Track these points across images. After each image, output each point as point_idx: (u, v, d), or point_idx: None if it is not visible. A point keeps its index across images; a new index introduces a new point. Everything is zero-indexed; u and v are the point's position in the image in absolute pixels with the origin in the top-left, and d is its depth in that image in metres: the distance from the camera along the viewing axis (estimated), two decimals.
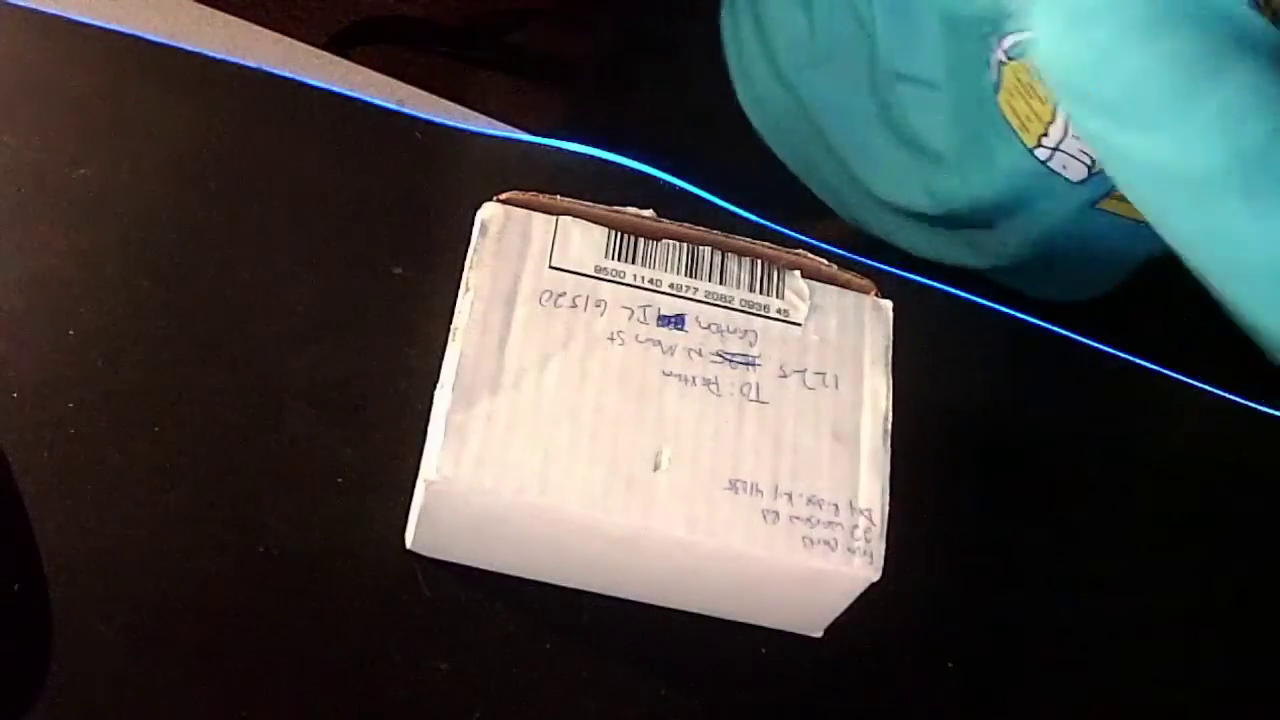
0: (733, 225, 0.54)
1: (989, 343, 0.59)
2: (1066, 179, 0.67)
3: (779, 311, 0.48)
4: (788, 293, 0.48)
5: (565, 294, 0.46)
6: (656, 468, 0.44)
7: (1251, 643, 0.56)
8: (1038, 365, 0.60)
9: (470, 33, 1.12)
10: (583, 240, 0.47)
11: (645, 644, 0.48)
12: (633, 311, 0.46)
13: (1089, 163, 0.65)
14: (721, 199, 0.59)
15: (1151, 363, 0.61)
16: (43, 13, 0.55)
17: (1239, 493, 0.60)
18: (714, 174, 0.59)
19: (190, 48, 0.56)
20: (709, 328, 0.47)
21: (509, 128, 0.58)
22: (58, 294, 0.49)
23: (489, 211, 0.47)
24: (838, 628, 0.48)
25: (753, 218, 0.58)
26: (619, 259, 0.47)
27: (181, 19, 0.57)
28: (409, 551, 0.47)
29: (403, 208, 0.55)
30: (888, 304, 0.49)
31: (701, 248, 0.48)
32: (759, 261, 0.49)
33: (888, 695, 0.50)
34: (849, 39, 0.72)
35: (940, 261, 0.75)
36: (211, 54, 0.56)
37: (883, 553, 0.44)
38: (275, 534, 0.47)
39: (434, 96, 0.59)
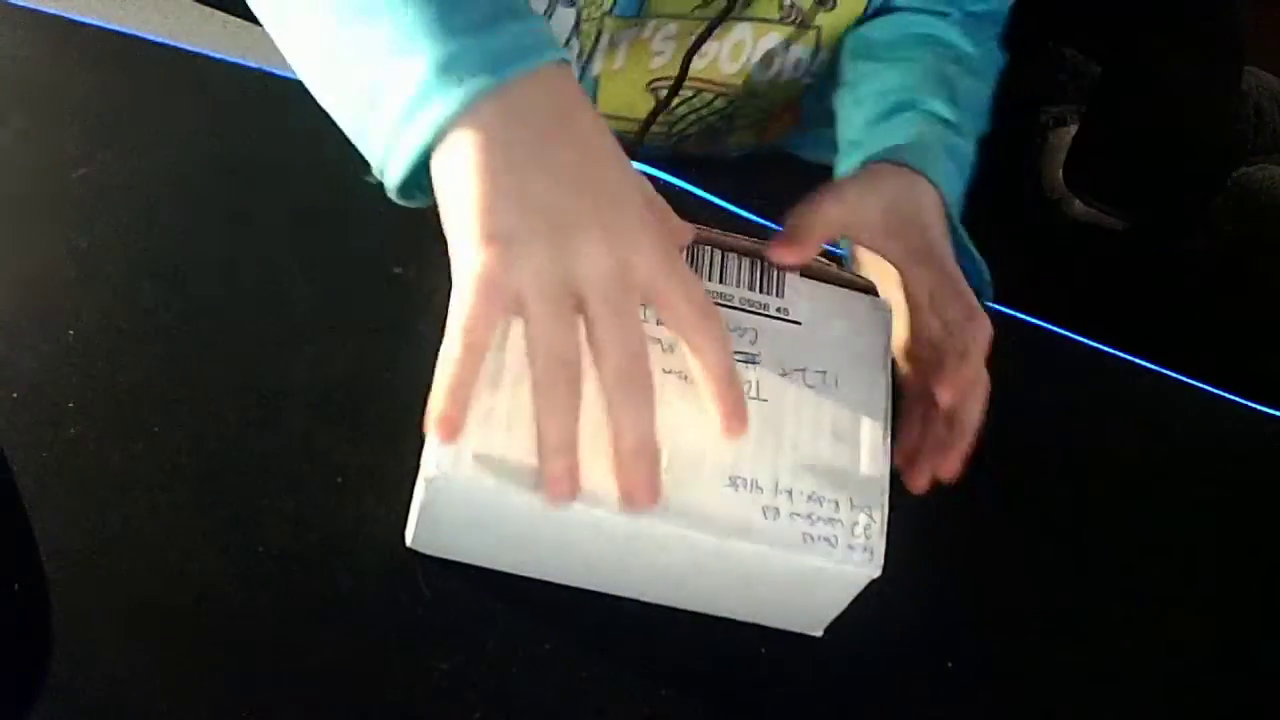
0: (733, 225, 0.54)
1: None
2: None
3: (779, 310, 0.48)
4: (788, 292, 0.48)
5: None
6: None
7: (1253, 641, 0.56)
8: (1038, 365, 0.60)
9: None
10: None
11: (645, 644, 0.48)
12: None
13: None
14: (721, 199, 0.59)
15: (1151, 363, 0.61)
16: (43, 13, 0.55)
17: (1239, 492, 0.60)
18: None
19: (190, 48, 0.56)
20: None
21: None
22: (58, 294, 0.49)
23: None
24: (838, 627, 0.48)
25: (753, 218, 0.58)
26: None
27: (181, 19, 0.57)
28: (409, 551, 0.47)
29: (403, 208, 0.55)
30: (888, 304, 0.49)
31: (701, 247, 0.48)
32: (759, 261, 0.49)
33: (888, 695, 0.50)
34: None
35: None
36: (211, 54, 0.56)
37: (883, 550, 0.44)
38: (275, 534, 0.47)
39: None
